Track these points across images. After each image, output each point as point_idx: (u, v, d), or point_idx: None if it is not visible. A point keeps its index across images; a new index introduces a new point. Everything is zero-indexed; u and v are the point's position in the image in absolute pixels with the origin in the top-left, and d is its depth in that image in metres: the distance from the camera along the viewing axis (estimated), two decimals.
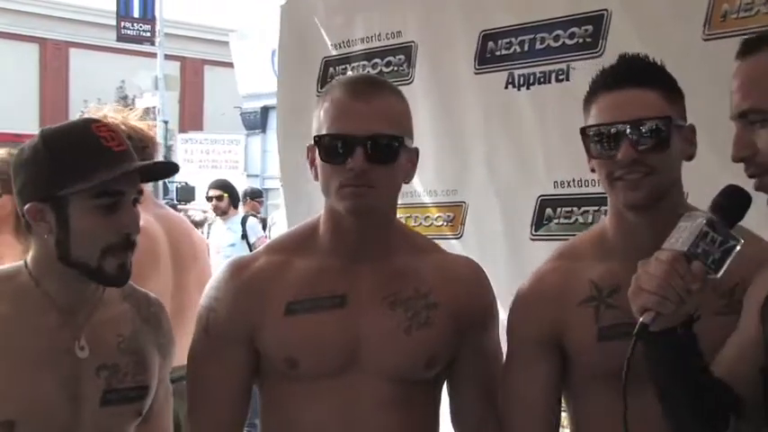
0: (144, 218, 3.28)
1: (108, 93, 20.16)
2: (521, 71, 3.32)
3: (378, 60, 3.76)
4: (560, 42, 3.23)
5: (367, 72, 3.73)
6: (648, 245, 1.92)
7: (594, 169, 2.04)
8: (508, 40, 3.37)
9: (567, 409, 2.16)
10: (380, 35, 3.78)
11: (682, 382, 1.74)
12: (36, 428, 1.94)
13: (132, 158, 1.98)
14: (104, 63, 25.90)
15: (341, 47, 3.93)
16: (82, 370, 1.99)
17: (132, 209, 1.98)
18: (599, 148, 1.95)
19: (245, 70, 19.91)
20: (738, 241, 1.66)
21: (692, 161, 2.06)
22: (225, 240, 9.07)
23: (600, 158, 1.96)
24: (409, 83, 3.58)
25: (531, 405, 2.09)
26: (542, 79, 3.26)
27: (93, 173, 1.89)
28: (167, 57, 24.39)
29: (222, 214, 9.33)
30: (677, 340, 1.70)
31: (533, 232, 3.25)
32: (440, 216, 3.53)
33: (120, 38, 24.75)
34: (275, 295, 2.09)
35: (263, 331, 2.09)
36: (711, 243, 1.64)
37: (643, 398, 1.74)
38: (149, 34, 24.52)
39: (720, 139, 2.81)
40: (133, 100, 22.45)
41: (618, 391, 1.95)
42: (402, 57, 3.68)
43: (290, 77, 4.15)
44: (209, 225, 9.73)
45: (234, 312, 2.11)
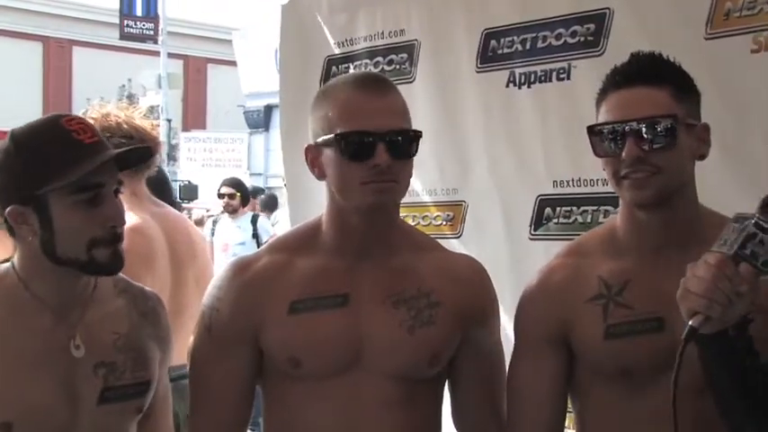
0: (140, 216, 3.30)
1: (111, 91, 20.17)
2: (522, 70, 3.31)
3: (380, 59, 3.76)
4: (562, 41, 3.23)
5: (368, 70, 3.72)
6: (660, 243, 1.93)
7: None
8: (510, 38, 3.36)
9: (573, 408, 2.16)
10: (383, 33, 3.78)
11: (736, 384, 1.72)
12: (34, 429, 1.93)
13: (106, 149, 1.94)
14: (107, 61, 25.93)
15: (343, 45, 3.92)
16: (78, 369, 1.98)
17: (114, 200, 1.94)
18: (605, 146, 1.95)
19: (248, 69, 19.92)
20: None
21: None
22: (234, 239, 9.08)
23: (606, 157, 1.96)
24: (411, 81, 3.57)
25: (536, 402, 2.09)
26: (543, 78, 3.26)
27: (68, 168, 1.86)
28: (170, 55, 24.38)
29: (233, 212, 9.33)
30: (730, 342, 1.68)
31: (532, 232, 3.24)
32: (439, 215, 3.52)
33: (124, 36, 24.74)
34: (278, 294, 2.08)
35: (266, 331, 2.09)
36: (760, 244, 1.63)
37: (657, 397, 1.73)
38: (152, 33, 24.51)
39: (723, 138, 2.82)
40: (137, 99, 22.46)
41: (625, 387, 1.97)
42: (405, 55, 3.67)
43: (293, 76, 4.15)
44: (213, 222, 9.72)
45: (237, 312, 2.10)
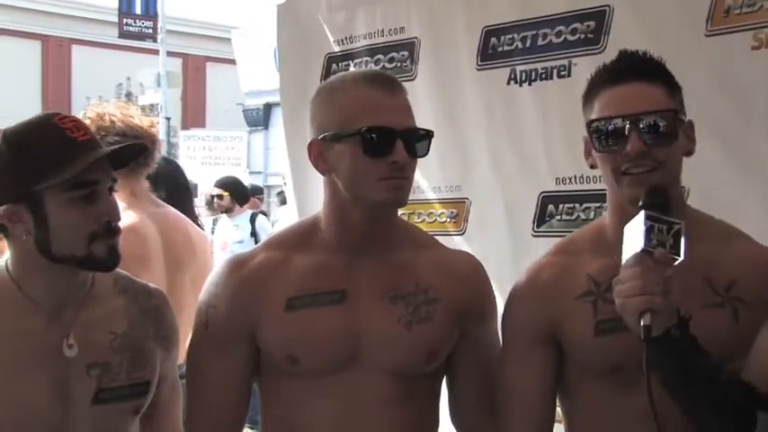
0: (137, 217, 3.29)
1: (110, 90, 20.16)
2: (523, 67, 3.32)
3: (381, 56, 3.76)
4: (562, 38, 3.23)
5: (369, 68, 3.73)
6: None
7: (594, 165, 2.05)
8: (510, 35, 3.36)
9: (562, 406, 2.16)
10: (383, 31, 3.78)
11: (693, 382, 1.77)
12: (26, 429, 1.93)
13: (98, 146, 1.95)
14: (107, 60, 25.88)
15: (343, 43, 3.93)
16: (71, 369, 1.97)
17: (109, 197, 1.95)
18: (606, 141, 1.95)
19: (247, 67, 19.88)
20: (680, 222, 1.78)
21: (695, 156, 2.06)
22: (232, 237, 9.04)
23: (606, 152, 1.96)
24: (412, 79, 3.57)
25: (526, 400, 2.09)
26: (544, 75, 3.26)
27: (62, 166, 1.86)
28: (169, 54, 24.34)
29: (226, 212, 9.32)
30: (675, 343, 1.74)
31: (535, 229, 3.25)
32: (443, 212, 3.53)
33: (123, 35, 24.70)
34: (275, 291, 2.08)
35: (263, 327, 2.09)
36: (660, 232, 1.76)
37: (644, 395, 1.74)
38: (151, 31, 24.48)
39: (725, 135, 2.83)
40: (135, 97, 22.44)
41: (614, 384, 1.98)
42: (405, 53, 3.68)
43: (293, 74, 4.15)
44: (214, 221, 9.71)
45: (234, 308, 2.10)
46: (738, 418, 1.76)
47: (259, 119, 23.08)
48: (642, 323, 1.72)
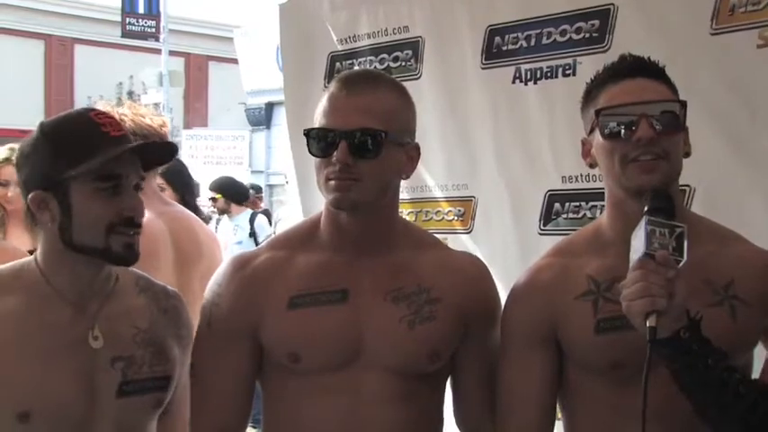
0: (147, 215, 3.29)
1: (113, 89, 20.13)
2: (528, 66, 3.32)
3: (385, 55, 3.77)
4: (567, 37, 3.24)
5: (374, 67, 3.73)
6: None
7: (593, 164, 2.06)
8: (515, 34, 3.37)
9: (560, 403, 2.16)
10: (387, 30, 3.79)
11: (702, 384, 1.78)
12: (52, 420, 1.95)
13: (130, 143, 1.99)
14: (109, 59, 25.87)
15: (346, 42, 3.93)
16: (96, 362, 2.01)
17: (134, 193, 1.99)
18: (614, 129, 1.95)
19: (249, 66, 19.87)
20: (682, 225, 1.81)
21: (700, 153, 2.08)
22: (232, 238, 9.05)
23: (614, 140, 1.95)
24: (417, 78, 3.58)
25: (525, 401, 2.09)
26: (549, 74, 3.27)
27: (91, 156, 1.91)
28: (172, 53, 24.33)
29: (223, 213, 9.32)
30: (684, 344, 1.76)
31: (542, 227, 3.26)
32: (450, 210, 3.54)
33: (125, 34, 24.70)
34: (278, 290, 2.09)
35: (265, 325, 2.10)
36: (662, 236, 1.79)
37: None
38: (154, 30, 24.47)
39: (731, 133, 2.83)
40: (137, 96, 22.44)
41: (613, 383, 1.99)
42: (409, 52, 3.68)
43: (296, 75, 4.16)
44: (217, 221, 9.71)
45: (237, 307, 2.11)
46: (754, 420, 1.76)
47: (261, 118, 23.06)
48: (648, 324, 1.73)
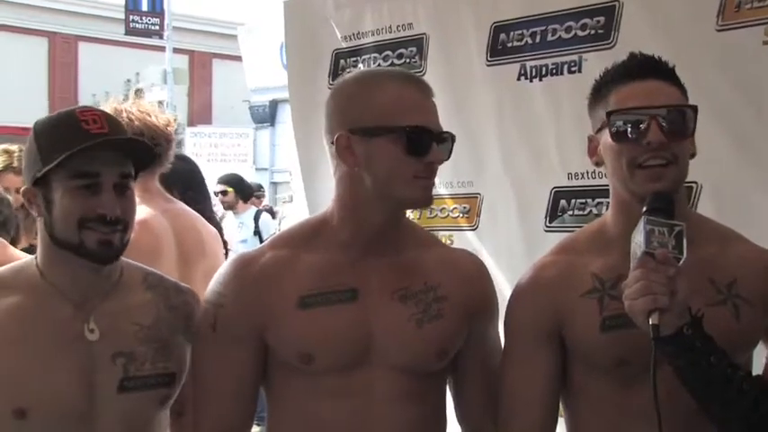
0: (149, 212, 3.29)
1: (117, 86, 20.11)
2: (533, 63, 3.32)
3: (389, 53, 3.77)
4: (572, 34, 3.24)
5: (378, 65, 3.73)
6: None
7: (599, 163, 2.05)
8: (520, 31, 3.37)
9: (564, 401, 2.15)
10: (391, 27, 3.79)
11: (706, 381, 1.78)
12: (49, 416, 1.96)
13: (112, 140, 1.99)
14: (113, 57, 25.90)
15: (350, 39, 3.94)
16: (97, 359, 2.01)
17: (112, 193, 1.98)
18: (625, 132, 1.94)
19: (253, 64, 19.89)
20: (681, 224, 1.82)
21: (706, 150, 2.08)
22: (236, 236, 9.03)
23: (624, 144, 1.94)
24: (422, 75, 3.57)
25: (528, 400, 2.08)
26: (555, 71, 3.27)
27: (63, 152, 1.93)
28: (176, 50, 24.39)
29: (229, 209, 9.33)
30: (688, 341, 1.76)
31: (548, 224, 3.26)
32: (456, 207, 3.54)
33: (129, 32, 24.75)
34: (286, 289, 2.07)
35: (274, 326, 2.07)
36: (661, 235, 1.80)
37: (647, 391, 1.75)
38: (158, 28, 24.51)
39: (737, 129, 2.82)
40: (143, 93, 22.45)
41: (618, 381, 1.98)
42: (414, 49, 3.68)
43: (301, 70, 4.16)
44: (220, 219, 9.72)
45: (243, 308, 2.07)
46: (756, 416, 1.77)
47: (265, 115, 23.09)
48: (651, 322, 1.74)
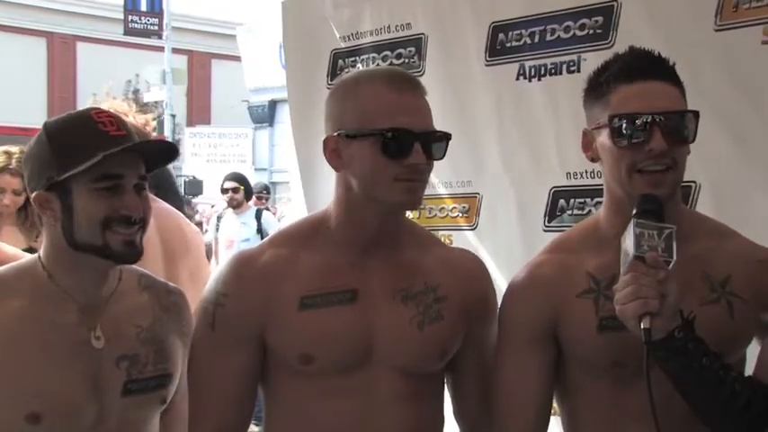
0: None
1: (115, 87, 20.08)
2: (532, 62, 3.32)
3: (388, 53, 3.77)
4: (571, 34, 3.24)
5: (377, 65, 3.73)
6: None
7: (594, 158, 2.04)
8: (518, 31, 3.37)
9: (559, 402, 2.15)
10: (389, 27, 3.79)
11: (701, 383, 1.78)
12: (62, 420, 1.96)
13: (131, 142, 1.98)
14: (112, 57, 25.89)
15: (349, 39, 3.94)
16: (101, 361, 2.01)
17: (134, 193, 1.98)
18: (627, 137, 1.92)
19: (252, 64, 19.90)
20: (671, 226, 1.80)
21: (705, 149, 2.10)
22: (238, 235, 9.02)
23: (625, 148, 1.93)
24: (420, 75, 3.57)
25: (522, 399, 2.08)
26: (553, 71, 3.27)
27: (89, 156, 1.91)
28: (175, 50, 24.41)
29: (237, 207, 9.35)
30: (680, 344, 1.75)
31: (547, 223, 3.26)
32: (455, 207, 3.54)
33: (128, 32, 24.77)
34: (286, 290, 2.05)
35: (274, 327, 2.06)
36: (651, 238, 1.79)
37: (642, 393, 1.75)
38: (157, 28, 24.54)
39: (735, 129, 2.83)
40: (141, 94, 22.46)
41: (613, 382, 1.98)
42: (412, 49, 3.69)
43: (299, 70, 4.16)
44: (218, 218, 9.72)
45: (244, 308, 2.05)
46: (748, 417, 1.77)
47: (264, 116, 23.11)
48: (642, 326, 1.73)
